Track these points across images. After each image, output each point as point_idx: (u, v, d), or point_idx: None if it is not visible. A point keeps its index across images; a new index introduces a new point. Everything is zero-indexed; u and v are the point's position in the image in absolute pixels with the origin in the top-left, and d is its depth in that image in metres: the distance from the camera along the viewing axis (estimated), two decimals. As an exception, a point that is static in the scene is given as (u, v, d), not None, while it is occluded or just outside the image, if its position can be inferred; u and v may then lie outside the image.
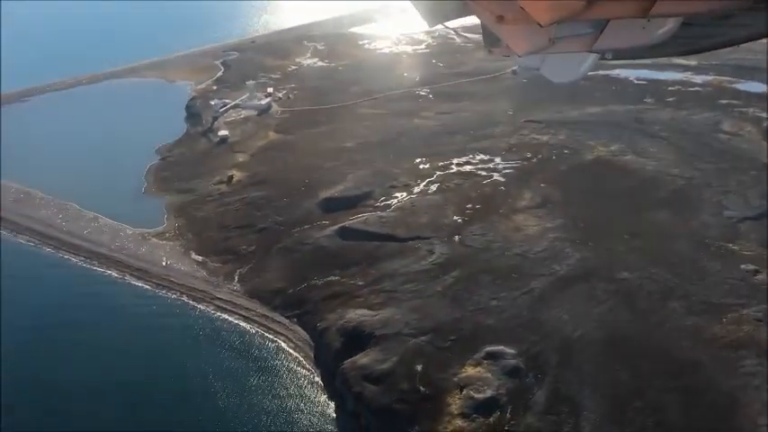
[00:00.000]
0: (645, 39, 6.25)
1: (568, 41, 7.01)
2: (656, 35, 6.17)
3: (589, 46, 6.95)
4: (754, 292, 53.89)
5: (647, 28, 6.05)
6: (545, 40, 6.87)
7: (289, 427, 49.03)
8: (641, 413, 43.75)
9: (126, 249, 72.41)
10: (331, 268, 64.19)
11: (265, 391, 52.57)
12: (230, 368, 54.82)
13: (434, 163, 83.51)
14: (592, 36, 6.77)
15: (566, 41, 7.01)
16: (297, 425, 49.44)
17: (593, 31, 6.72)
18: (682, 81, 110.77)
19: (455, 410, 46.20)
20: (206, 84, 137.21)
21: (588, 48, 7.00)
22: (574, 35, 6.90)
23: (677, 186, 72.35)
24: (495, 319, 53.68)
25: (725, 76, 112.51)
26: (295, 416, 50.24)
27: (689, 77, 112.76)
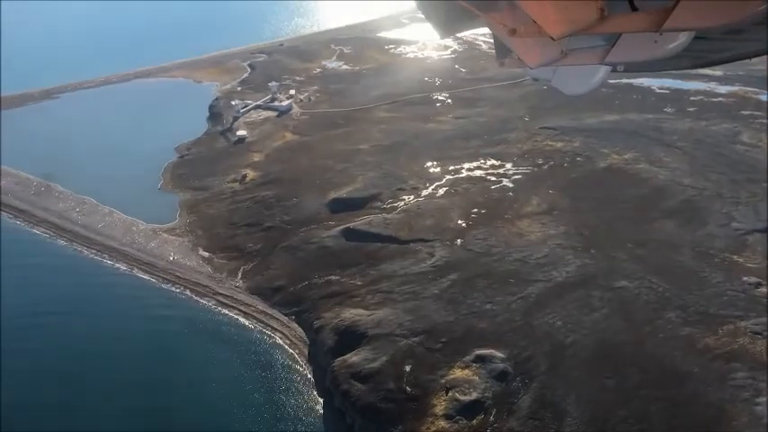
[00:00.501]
0: (657, 52, 6.25)
1: (580, 54, 7.09)
2: (668, 49, 6.17)
3: (601, 59, 6.98)
4: (753, 305, 52.94)
5: (659, 42, 6.07)
6: (557, 52, 6.98)
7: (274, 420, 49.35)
8: (625, 422, 43.30)
9: (136, 244, 73.88)
10: (332, 268, 64.70)
11: (256, 384, 53.24)
12: (223, 360, 55.75)
13: (445, 167, 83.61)
14: (604, 49, 6.82)
15: (578, 54, 7.10)
16: (283, 419, 49.87)
17: (605, 43, 6.78)
18: (705, 91, 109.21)
19: (439, 412, 46.24)
20: (231, 85, 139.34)
21: (600, 60, 7.03)
22: (586, 48, 6.98)
23: (687, 196, 71.33)
24: (488, 323, 53.57)
25: (750, 86, 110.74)
26: (282, 410, 50.80)
27: (713, 88, 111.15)
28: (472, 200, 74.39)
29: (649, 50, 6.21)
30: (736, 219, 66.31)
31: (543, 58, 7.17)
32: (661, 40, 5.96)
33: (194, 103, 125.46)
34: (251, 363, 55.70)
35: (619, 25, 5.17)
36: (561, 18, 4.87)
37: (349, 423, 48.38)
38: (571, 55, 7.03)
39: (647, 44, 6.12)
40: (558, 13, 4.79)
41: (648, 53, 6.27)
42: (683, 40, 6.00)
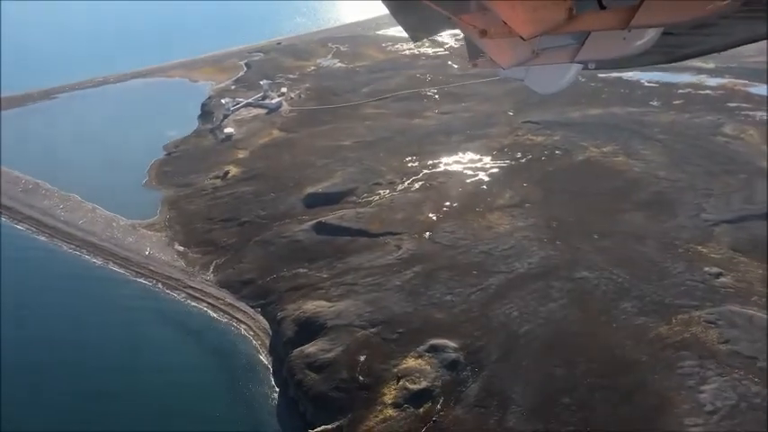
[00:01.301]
0: (626, 49, 6.37)
1: (551, 53, 7.20)
2: (637, 45, 6.29)
3: (572, 57, 7.12)
4: (710, 295, 52.84)
5: (627, 38, 6.15)
6: (528, 52, 7.07)
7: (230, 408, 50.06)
8: (568, 409, 43.48)
9: (114, 239, 75.01)
10: (301, 261, 65.36)
11: (216, 373, 54.09)
12: (186, 350, 56.74)
13: (424, 161, 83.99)
14: (574, 47, 6.94)
15: (549, 53, 7.20)
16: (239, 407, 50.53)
17: (575, 42, 6.89)
18: (693, 84, 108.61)
19: (388, 400, 46.69)
20: (225, 83, 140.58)
21: (571, 59, 7.16)
22: (556, 47, 7.09)
23: (660, 188, 71.19)
24: (446, 314, 53.93)
25: (741, 78, 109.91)
26: (239, 398, 51.49)
27: (702, 80, 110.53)
28: (446, 193, 74.68)
29: (618, 47, 6.40)
30: (706, 210, 66.06)
31: (515, 59, 7.35)
32: (629, 36, 6.11)
33: (188, 102, 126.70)
34: (213, 353, 56.51)
35: (587, 24, 5.18)
36: (531, 18, 4.82)
37: (302, 412, 49.02)
38: (542, 54, 7.20)
39: (616, 41, 6.29)
40: (528, 14, 4.74)
41: (618, 50, 6.47)
42: (651, 36, 6.20)
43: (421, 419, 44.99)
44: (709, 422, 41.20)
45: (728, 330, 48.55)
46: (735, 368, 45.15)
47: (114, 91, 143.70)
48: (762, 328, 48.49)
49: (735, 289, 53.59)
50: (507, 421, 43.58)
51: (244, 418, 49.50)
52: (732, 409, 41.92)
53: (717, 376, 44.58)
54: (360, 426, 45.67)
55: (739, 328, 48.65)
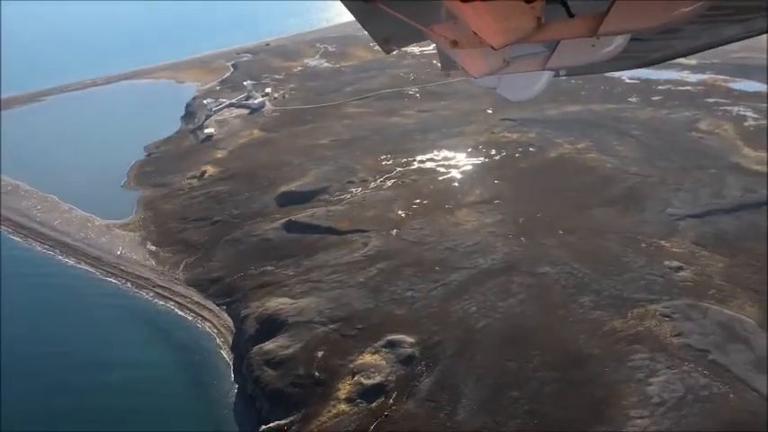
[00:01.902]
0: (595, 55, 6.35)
1: (522, 61, 7.21)
2: (606, 51, 6.27)
3: (542, 65, 7.12)
4: (668, 289, 53.04)
5: (596, 45, 6.14)
6: (500, 61, 7.08)
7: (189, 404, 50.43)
8: (516, 402, 43.66)
9: (88, 239, 75.37)
10: (270, 259, 65.62)
11: (177, 370, 54.31)
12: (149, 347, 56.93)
13: (398, 159, 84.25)
14: (545, 55, 6.94)
15: (520, 61, 7.22)
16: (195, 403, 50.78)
17: (545, 50, 6.88)
18: (675, 80, 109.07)
19: (342, 395, 46.89)
20: (211, 84, 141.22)
21: (542, 67, 7.16)
22: (527, 55, 7.11)
23: (631, 184, 71.46)
24: (406, 310, 54.15)
25: (723, 74, 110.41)
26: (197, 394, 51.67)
27: (684, 77, 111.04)
28: (417, 191, 74.95)
29: (588, 54, 6.38)
30: (673, 205, 66.32)
31: (486, 68, 7.35)
32: (599, 43, 6.09)
33: (172, 104, 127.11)
34: (176, 350, 56.74)
35: (556, 32, 5.20)
36: (501, 28, 4.79)
37: (258, 407, 49.18)
38: (513, 63, 7.22)
39: (585, 48, 6.27)
40: (498, 24, 4.71)
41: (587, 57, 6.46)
42: (619, 42, 6.17)
43: (373, 414, 45.18)
44: (655, 414, 41.35)
45: (682, 323, 48.75)
46: (685, 361, 45.34)
47: (101, 93, 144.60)
48: (716, 321, 48.58)
49: (694, 283, 53.79)
50: (457, 415, 43.74)
51: (201, 414, 49.67)
52: (679, 401, 42.09)
53: (666, 369, 44.75)
54: (312, 421, 45.86)
55: (693, 322, 48.85)
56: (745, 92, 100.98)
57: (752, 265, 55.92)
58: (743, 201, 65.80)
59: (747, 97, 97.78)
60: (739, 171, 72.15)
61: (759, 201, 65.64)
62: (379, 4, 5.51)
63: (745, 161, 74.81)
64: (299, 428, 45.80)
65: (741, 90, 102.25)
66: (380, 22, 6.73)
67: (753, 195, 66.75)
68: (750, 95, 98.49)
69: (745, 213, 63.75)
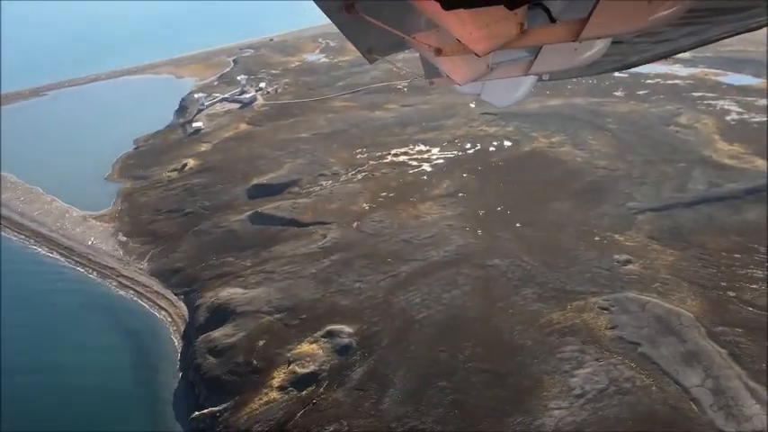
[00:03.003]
0: (578, 59, 6.44)
1: (506, 67, 7.40)
2: (588, 56, 6.38)
3: (526, 70, 7.27)
4: (612, 282, 52.84)
5: (578, 49, 6.24)
6: (483, 67, 7.13)
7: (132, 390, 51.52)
8: (442, 392, 43.94)
9: (63, 229, 76.96)
10: (231, 250, 66.45)
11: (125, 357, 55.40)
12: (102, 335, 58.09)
13: (372, 153, 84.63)
14: (528, 60, 7.10)
15: (503, 67, 7.39)
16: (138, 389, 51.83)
17: (528, 55, 7.05)
18: (664, 74, 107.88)
19: (276, 383, 47.55)
20: (209, 80, 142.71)
21: (525, 72, 7.31)
22: (511, 60, 7.29)
23: (596, 177, 71.08)
24: (352, 301, 54.63)
25: (714, 68, 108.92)
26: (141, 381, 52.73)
27: (675, 71, 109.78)
28: (386, 184, 75.27)
29: (570, 58, 6.47)
30: (634, 198, 65.87)
31: (470, 75, 7.40)
32: (581, 48, 6.19)
33: (168, 98, 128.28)
34: (129, 338, 57.85)
35: (539, 38, 5.21)
36: (483, 35, 4.79)
37: (196, 394, 50.05)
38: (497, 69, 7.37)
39: (567, 53, 6.38)
40: (480, 31, 4.71)
41: (570, 61, 6.53)
42: (601, 46, 6.29)
43: (302, 402, 45.80)
44: (574, 405, 41.44)
45: (618, 316, 48.61)
46: (614, 353, 45.28)
47: (101, 88, 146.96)
48: (654, 314, 48.38)
49: (639, 276, 53.51)
50: (382, 404, 44.17)
51: (141, 398, 50.75)
52: (599, 392, 42.10)
53: (594, 361, 44.75)
54: (243, 408, 46.62)
55: (630, 314, 48.68)
56: (734, 86, 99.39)
57: (702, 259, 55.43)
58: (706, 195, 65.10)
59: (735, 91, 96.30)
60: (708, 165, 71.33)
61: (721, 194, 64.92)
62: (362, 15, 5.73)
63: (716, 155, 73.90)
64: (229, 415, 46.52)
65: (730, 84, 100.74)
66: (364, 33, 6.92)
67: (717, 189, 66.00)
68: (738, 89, 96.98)
69: (706, 207, 63.09)
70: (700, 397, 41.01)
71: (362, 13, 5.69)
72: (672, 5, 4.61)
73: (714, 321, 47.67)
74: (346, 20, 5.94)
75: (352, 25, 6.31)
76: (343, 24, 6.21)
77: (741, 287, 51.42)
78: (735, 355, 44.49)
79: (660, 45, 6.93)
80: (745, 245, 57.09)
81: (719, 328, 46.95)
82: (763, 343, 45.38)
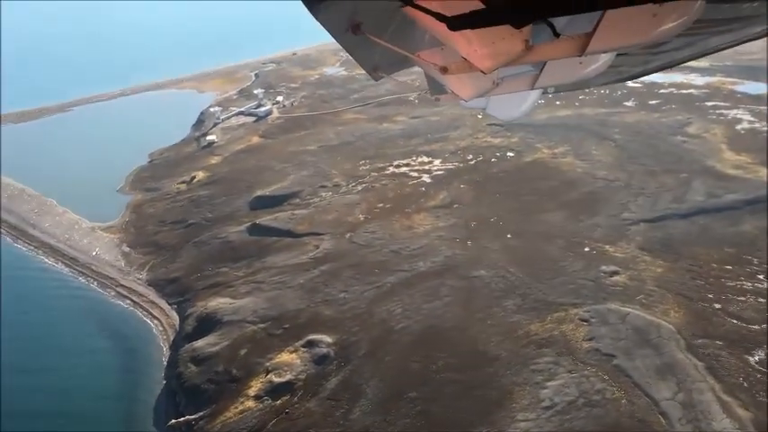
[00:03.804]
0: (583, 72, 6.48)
1: (511, 82, 7.40)
2: (593, 69, 6.42)
3: (531, 84, 7.36)
4: (596, 293, 52.19)
5: (584, 63, 6.27)
6: (489, 83, 7.18)
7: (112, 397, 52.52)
8: (412, 402, 43.87)
9: (70, 240, 78.95)
10: (227, 261, 67.41)
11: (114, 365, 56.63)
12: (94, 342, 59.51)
13: (375, 165, 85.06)
14: (533, 75, 7.13)
15: (509, 82, 7.39)
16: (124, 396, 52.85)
17: (533, 70, 7.04)
18: (679, 83, 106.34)
19: (252, 392, 48.02)
20: (229, 94, 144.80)
21: (531, 86, 7.40)
22: (516, 75, 7.29)
23: (594, 188, 70.36)
24: (335, 311, 54.94)
25: (731, 77, 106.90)
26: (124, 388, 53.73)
27: (691, 80, 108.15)
28: (384, 195, 75.60)
29: (575, 72, 6.51)
30: (630, 209, 65.02)
31: (476, 91, 7.50)
32: (586, 61, 6.20)
33: (188, 113, 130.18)
34: (119, 346, 58.98)
35: (544, 54, 5.23)
36: (489, 53, 4.83)
37: (177, 402, 50.81)
38: (503, 84, 7.36)
39: (573, 66, 6.40)
40: (486, 48, 4.76)
41: (575, 74, 6.59)
42: (606, 59, 6.33)
43: (275, 411, 46.14)
44: (540, 417, 41.00)
45: (597, 328, 48.00)
46: (588, 365, 44.71)
47: (125, 103, 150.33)
48: (633, 326, 47.68)
49: (624, 287, 52.79)
50: (352, 414, 44.25)
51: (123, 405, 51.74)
52: (568, 404, 41.59)
53: (566, 373, 44.22)
54: (219, 416, 47.15)
55: (609, 326, 48.04)
56: (749, 95, 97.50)
57: (692, 271, 54.41)
58: (703, 205, 63.90)
59: (749, 100, 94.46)
60: (710, 175, 70.05)
61: (720, 205, 63.72)
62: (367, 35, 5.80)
63: (721, 165, 72.52)
64: (204, 423, 47.11)
65: (745, 93, 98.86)
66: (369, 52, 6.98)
67: (715, 200, 64.79)
68: (753, 98, 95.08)
69: (702, 218, 61.95)
70: (669, 410, 40.15)
71: (368, 34, 5.78)
72: (677, 18, 4.61)
73: (695, 334, 46.69)
74: (352, 40, 6.01)
75: (358, 45, 6.39)
76: (349, 44, 6.29)
77: (728, 299, 50.29)
78: (712, 368, 43.51)
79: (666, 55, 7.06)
80: (738, 256, 55.85)
81: (700, 341, 45.97)
82: (743, 356, 44.29)
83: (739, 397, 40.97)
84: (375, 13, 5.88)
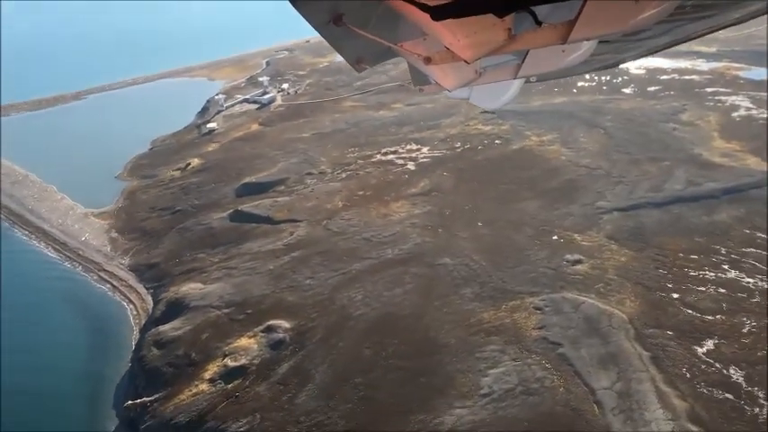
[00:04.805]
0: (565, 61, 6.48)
1: (494, 71, 7.46)
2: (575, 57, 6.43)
3: (514, 74, 7.40)
4: (555, 282, 51.89)
5: (566, 51, 6.26)
6: (472, 73, 7.21)
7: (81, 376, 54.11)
8: (356, 388, 44.26)
9: (63, 226, 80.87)
10: (205, 247, 68.39)
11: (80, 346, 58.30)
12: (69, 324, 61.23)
13: (363, 152, 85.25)
14: (516, 64, 7.17)
15: (492, 72, 7.45)
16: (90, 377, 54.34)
17: (516, 59, 7.08)
18: (683, 69, 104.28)
19: (207, 376, 48.90)
20: (237, 81, 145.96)
21: (514, 75, 7.45)
22: (499, 65, 7.35)
23: (574, 176, 69.62)
24: (298, 297, 55.52)
25: (738, 62, 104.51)
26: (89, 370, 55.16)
27: (695, 65, 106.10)
28: (366, 183, 75.80)
29: (558, 60, 6.50)
30: (606, 198, 64.26)
31: (460, 81, 7.55)
32: (568, 49, 6.18)
33: (195, 100, 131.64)
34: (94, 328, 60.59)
35: (527, 42, 5.16)
36: (472, 42, 4.81)
37: (136, 384, 51.99)
38: (486, 74, 7.41)
39: (555, 55, 6.40)
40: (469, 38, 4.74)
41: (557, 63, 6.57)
42: (588, 47, 6.33)
43: (226, 395, 46.94)
44: (477, 404, 41.13)
45: (549, 317, 47.83)
46: (533, 353, 44.64)
47: (136, 91, 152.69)
48: (585, 315, 47.39)
49: (584, 276, 52.39)
50: (297, 398, 44.84)
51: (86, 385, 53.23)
52: (506, 392, 41.63)
53: (510, 361, 44.21)
54: (173, 399, 48.11)
55: (561, 315, 47.82)
56: (754, 80, 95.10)
57: (656, 260, 53.74)
58: (681, 194, 62.90)
59: (752, 86, 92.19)
60: (695, 163, 68.79)
61: (698, 194, 62.68)
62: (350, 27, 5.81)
63: (708, 153, 71.16)
64: (158, 405, 48.15)
65: (749, 79, 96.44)
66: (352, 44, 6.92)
67: (694, 189, 63.70)
68: (756, 84, 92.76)
69: (677, 207, 61.00)
70: (604, 400, 39.96)
71: (350, 25, 5.78)
72: (659, 4, 4.63)
73: (647, 323, 46.26)
74: (334, 32, 5.98)
75: (341, 37, 6.36)
76: (332, 36, 6.26)
77: (688, 289, 49.65)
78: (657, 358, 43.13)
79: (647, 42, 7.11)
80: (707, 246, 54.98)
81: (650, 331, 45.57)
82: (692, 346, 43.78)
83: (679, 387, 40.52)
84: (357, 5, 5.88)
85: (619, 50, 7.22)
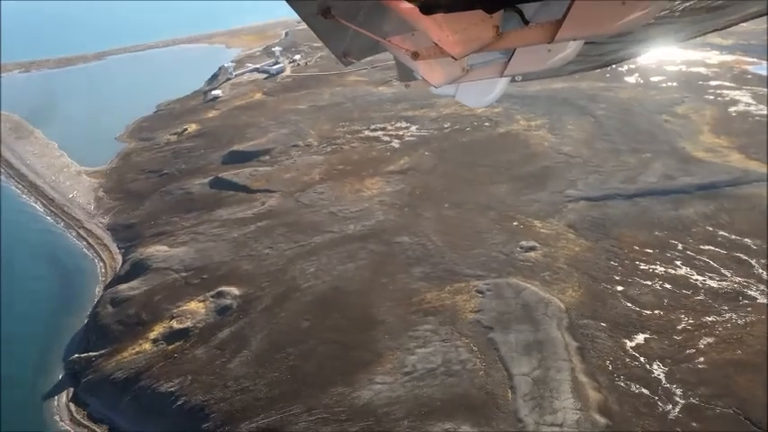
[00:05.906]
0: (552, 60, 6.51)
1: (481, 69, 7.44)
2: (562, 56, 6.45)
3: (500, 72, 7.36)
4: (504, 267, 51.92)
5: (552, 50, 6.28)
6: (459, 70, 7.24)
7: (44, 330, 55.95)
8: (286, 358, 45.16)
9: (55, 182, 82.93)
10: (181, 211, 69.65)
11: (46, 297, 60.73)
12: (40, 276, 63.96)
13: (353, 127, 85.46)
14: (502, 62, 7.13)
15: (478, 69, 7.44)
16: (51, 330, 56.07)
17: (503, 56, 7.05)
18: (692, 61, 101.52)
19: (152, 336, 50.31)
20: (253, 50, 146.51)
21: (500, 74, 7.42)
22: (486, 62, 7.32)
23: (551, 163, 69.05)
24: (254, 265, 56.48)
25: (751, 56, 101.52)
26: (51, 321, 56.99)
27: (705, 57, 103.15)
28: (348, 158, 76.16)
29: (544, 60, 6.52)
30: (577, 186, 63.70)
31: (446, 77, 7.53)
32: (555, 48, 6.19)
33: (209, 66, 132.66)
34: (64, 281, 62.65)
35: (514, 41, 5.23)
36: (460, 39, 4.86)
37: (89, 339, 53.58)
38: (472, 71, 7.42)
39: (541, 54, 6.41)
40: (457, 34, 4.79)
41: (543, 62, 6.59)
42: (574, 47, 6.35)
43: (165, 355, 48.34)
44: (397, 381, 41.77)
45: (489, 301, 48.02)
46: (464, 336, 44.96)
47: (156, 55, 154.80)
48: (524, 302, 47.42)
49: (534, 263, 52.34)
50: (230, 363, 45.97)
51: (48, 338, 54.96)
52: (428, 372, 42.15)
53: (440, 341, 44.62)
54: (116, 356, 49.68)
55: (501, 300, 47.97)
56: (761, 76, 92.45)
57: (610, 252, 53.38)
58: (653, 187, 62.01)
59: (757, 81, 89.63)
60: (676, 157, 67.61)
61: (670, 188, 61.78)
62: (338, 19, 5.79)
63: (692, 147, 69.81)
64: (102, 361, 49.70)
65: (757, 73, 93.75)
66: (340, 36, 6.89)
67: (668, 182, 62.75)
68: (762, 80, 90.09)
69: (646, 200, 60.20)
70: (519, 385, 40.22)
71: (338, 18, 5.80)
72: (646, 6, 4.65)
73: (583, 314, 46.21)
74: (323, 24, 6.02)
75: (328, 29, 6.39)
76: (319, 28, 6.28)
77: (633, 282, 49.34)
78: (584, 348, 43.18)
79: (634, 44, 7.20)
80: (665, 241, 54.38)
81: (584, 321, 45.55)
82: (621, 339, 43.65)
83: (598, 379, 40.56)
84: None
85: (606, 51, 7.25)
